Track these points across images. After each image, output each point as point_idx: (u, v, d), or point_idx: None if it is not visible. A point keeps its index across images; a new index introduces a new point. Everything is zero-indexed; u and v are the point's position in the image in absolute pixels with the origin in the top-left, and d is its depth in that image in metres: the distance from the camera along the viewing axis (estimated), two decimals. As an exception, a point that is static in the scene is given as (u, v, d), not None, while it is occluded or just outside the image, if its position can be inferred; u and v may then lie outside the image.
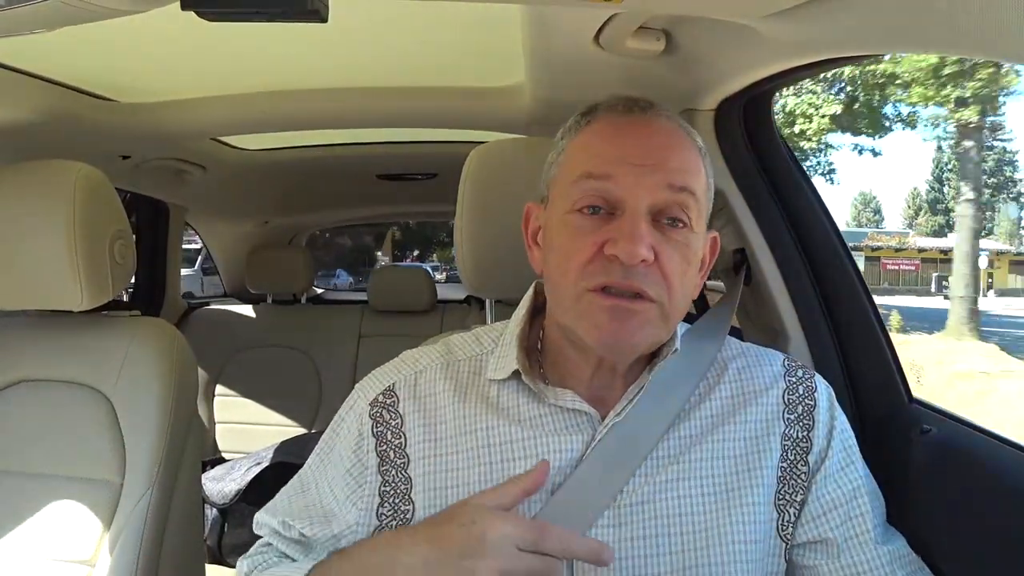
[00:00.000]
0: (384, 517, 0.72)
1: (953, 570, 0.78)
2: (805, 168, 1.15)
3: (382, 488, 0.73)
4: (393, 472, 0.73)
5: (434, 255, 24.20)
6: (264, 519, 0.79)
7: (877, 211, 50.46)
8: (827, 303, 1.07)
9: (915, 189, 48.57)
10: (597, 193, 0.67)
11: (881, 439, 0.99)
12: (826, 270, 1.08)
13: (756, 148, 1.12)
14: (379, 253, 20.34)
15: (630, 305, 0.65)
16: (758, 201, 1.11)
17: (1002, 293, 28.67)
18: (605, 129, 0.70)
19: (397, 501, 0.72)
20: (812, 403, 0.75)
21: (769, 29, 0.77)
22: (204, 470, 2.08)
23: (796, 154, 1.20)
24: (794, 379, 0.76)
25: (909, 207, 47.64)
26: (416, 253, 24.47)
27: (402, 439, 0.73)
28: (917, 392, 1.04)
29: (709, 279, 0.83)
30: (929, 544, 0.80)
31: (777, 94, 1.12)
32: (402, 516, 0.71)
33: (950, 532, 0.80)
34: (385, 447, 0.73)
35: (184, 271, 2.87)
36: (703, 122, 1.13)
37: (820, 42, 0.76)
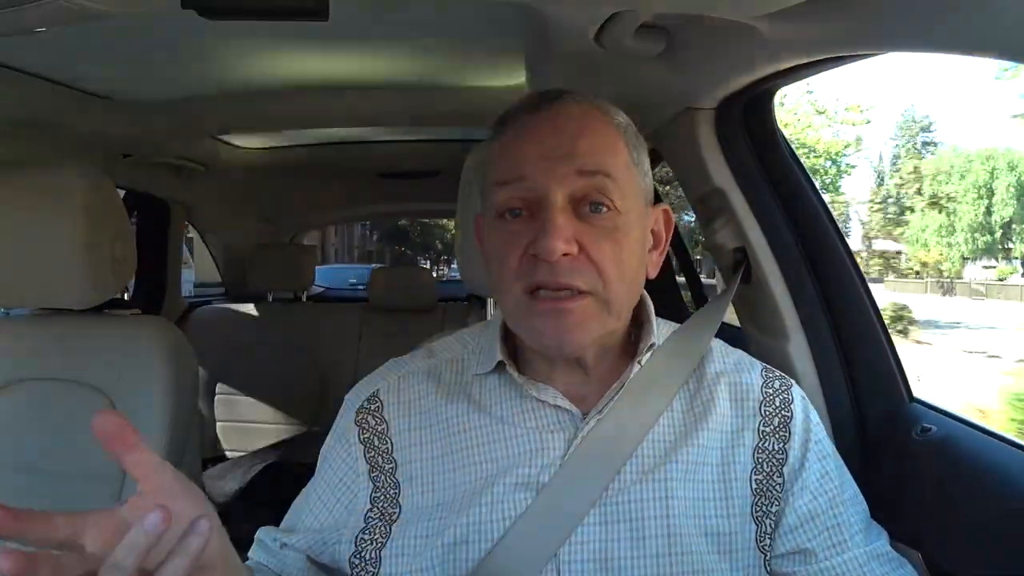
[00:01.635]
0: (371, 520, 0.72)
1: (952, 569, 0.78)
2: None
3: (373, 494, 0.73)
4: (383, 478, 0.73)
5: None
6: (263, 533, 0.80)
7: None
8: (827, 302, 1.07)
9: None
10: (514, 195, 0.67)
11: (881, 438, 0.99)
12: (826, 269, 1.08)
13: (757, 147, 1.12)
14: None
15: (564, 305, 0.65)
16: (758, 200, 1.11)
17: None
18: (515, 130, 0.70)
19: (385, 505, 0.72)
20: (789, 415, 0.74)
21: (769, 28, 0.77)
22: (205, 468, 2.08)
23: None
24: (771, 391, 0.76)
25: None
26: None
27: (389, 444, 0.74)
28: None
29: (711, 276, 0.83)
30: (928, 543, 0.80)
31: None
32: (388, 519, 0.72)
33: (950, 531, 0.80)
34: (373, 453, 0.74)
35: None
36: (704, 121, 1.12)
37: (821, 41, 0.76)
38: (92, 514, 0.48)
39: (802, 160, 1.17)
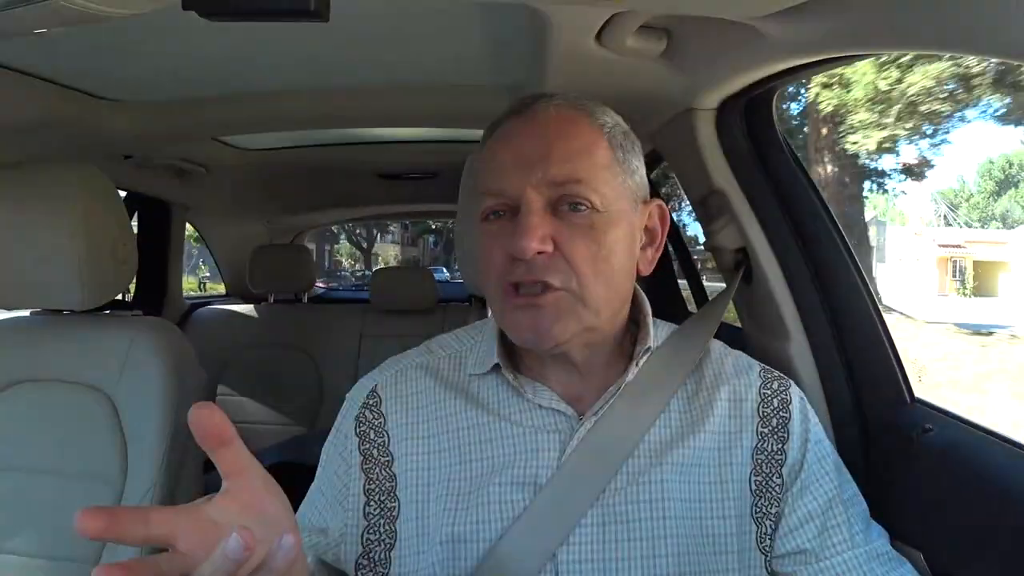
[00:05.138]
0: (371, 516, 0.73)
1: (953, 570, 0.78)
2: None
3: (367, 486, 0.73)
4: (377, 470, 0.73)
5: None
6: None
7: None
8: (828, 302, 1.07)
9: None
10: (497, 200, 0.69)
11: (883, 439, 0.99)
12: (827, 269, 1.07)
13: (757, 147, 1.12)
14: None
15: (537, 300, 0.66)
16: (759, 200, 1.11)
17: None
18: (500, 137, 0.72)
19: (383, 499, 0.72)
20: (787, 416, 0.74)
21: (770, 28, 0.77)
22: (206, 470, 2.08)
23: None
24: (769, 391, 0.75)
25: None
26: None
27: (385, 437, 0.74)
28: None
29: (713, 280, 0.83)
30: (930, 544, 0.80)
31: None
32: (388, 514, 0.72)
33: (952, 532, 0.80)
34: (368, 446, 0.74)
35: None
36: (704, 121, 1.12)
37: (822, 41, 0.76)
38: (183, 511, 0.47)
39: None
